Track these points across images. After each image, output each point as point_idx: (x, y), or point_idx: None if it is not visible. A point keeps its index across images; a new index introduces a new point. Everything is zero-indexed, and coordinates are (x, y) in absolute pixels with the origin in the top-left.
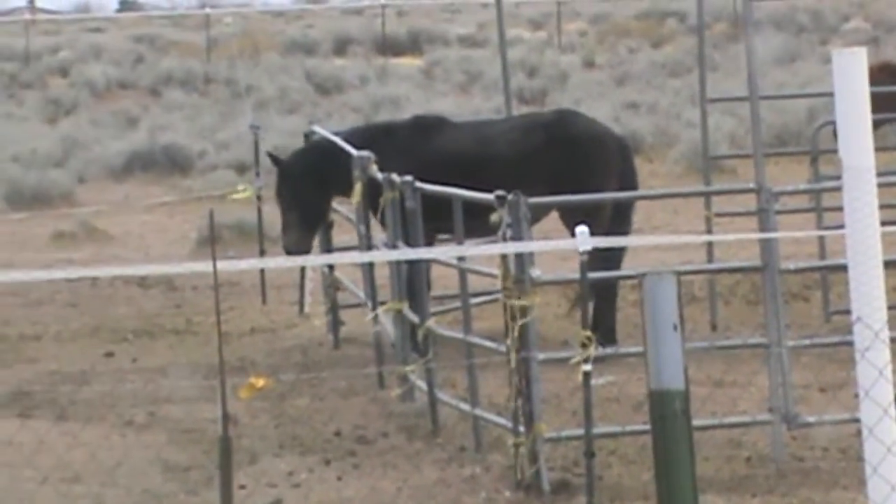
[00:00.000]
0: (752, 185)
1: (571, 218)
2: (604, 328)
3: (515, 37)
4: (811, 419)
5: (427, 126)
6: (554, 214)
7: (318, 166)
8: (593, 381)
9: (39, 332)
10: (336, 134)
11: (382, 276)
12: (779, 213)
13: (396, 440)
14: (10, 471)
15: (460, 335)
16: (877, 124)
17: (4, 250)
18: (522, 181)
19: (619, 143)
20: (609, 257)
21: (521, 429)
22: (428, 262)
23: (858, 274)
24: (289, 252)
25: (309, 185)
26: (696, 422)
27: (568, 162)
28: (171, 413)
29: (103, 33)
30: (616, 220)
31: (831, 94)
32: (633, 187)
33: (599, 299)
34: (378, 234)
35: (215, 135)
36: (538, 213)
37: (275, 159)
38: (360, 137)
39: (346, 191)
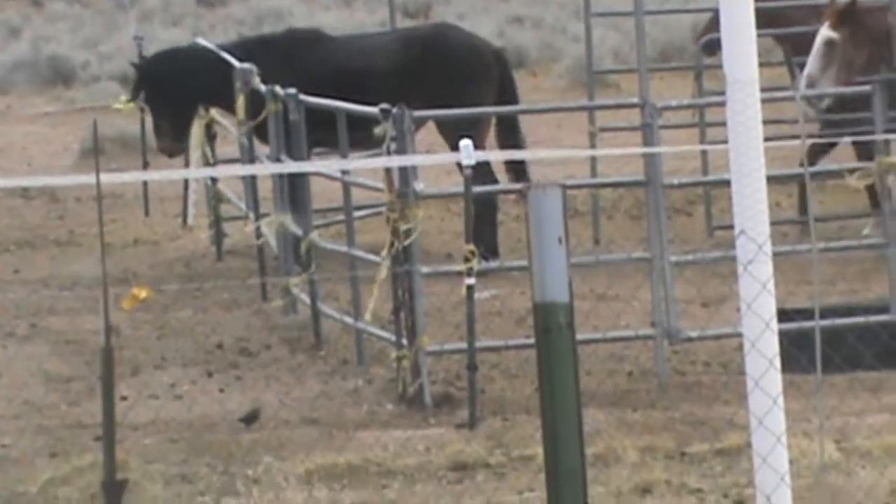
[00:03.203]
0: (636, 100)
1: (451, 131)
2: (486, 242)
3: None
4: (693, 333)
5: (303, 39)
6: (433, 127)
7: (181, 70)
8: (476, 295)
9: None
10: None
11: (266, 188)
12: (662, 128)
13: (279, 352)
14: None
15: (343, 248)
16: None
17: None
18: (400, 95)
19: (496, 55)
20: (491, 171)
21: (404, 342)
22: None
23: (742, 187)
24: (168, 154)
25: (173, 89)
26: (578, 336)
27: (446, 74)
28: (53, 324)
29: None
30: (505, 132)
31: (715, 10)
32: (514, 98)
33: (480, 213)
34: (262, 147)
35: (98, 46)
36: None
37: (136, 65)
38: (235, 51)
39: (216, 100)
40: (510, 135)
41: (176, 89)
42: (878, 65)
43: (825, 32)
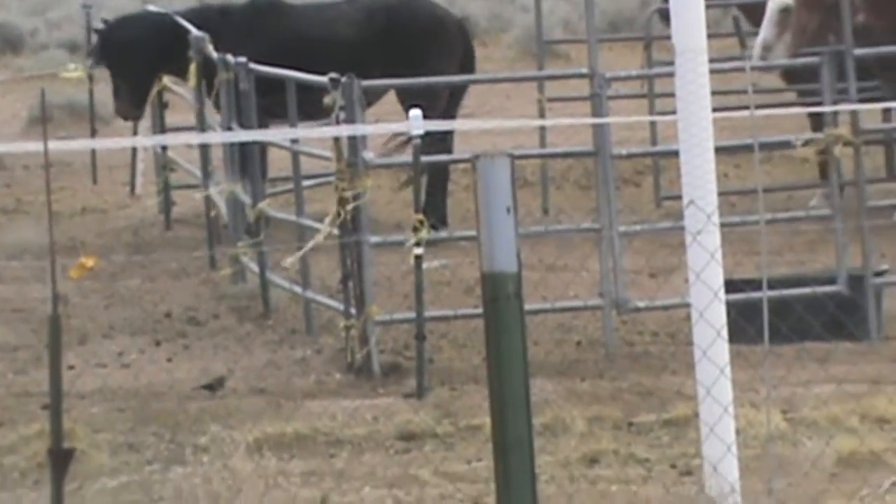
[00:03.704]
0: (585, 71)
1: (410, 101)
2: (436, 212)
3: None
4: (641, 304)
5: (265, 8)
6: (392, 97)
7: (144, 36)
8: (425, 265)
9: None
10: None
11: (217, 157)
12: (611, 98)
13: (227, 322)
14: None
15: (293, 217)
16: None
17: None
18: (365, 64)
19: (459, 26)
20: (443, 140)
21: (353, 311)
22: (263, 144)
23: (690, 158)
24: (124, 117)
25: (135, 54)
26: (527, 306)
27: (410, 45)
28: (1, 293)
29: None
30: (450, 103)
31: None
32: (472, 70)
33: (432, 183)
34: (214, 115)
35: (47, 14)
36: (375, 96)
37: (98, 30)
38: (195, 19)
39: (174, 67)
40: (452, 107)
41: (138, 54)
42: (827, 34)
43: None
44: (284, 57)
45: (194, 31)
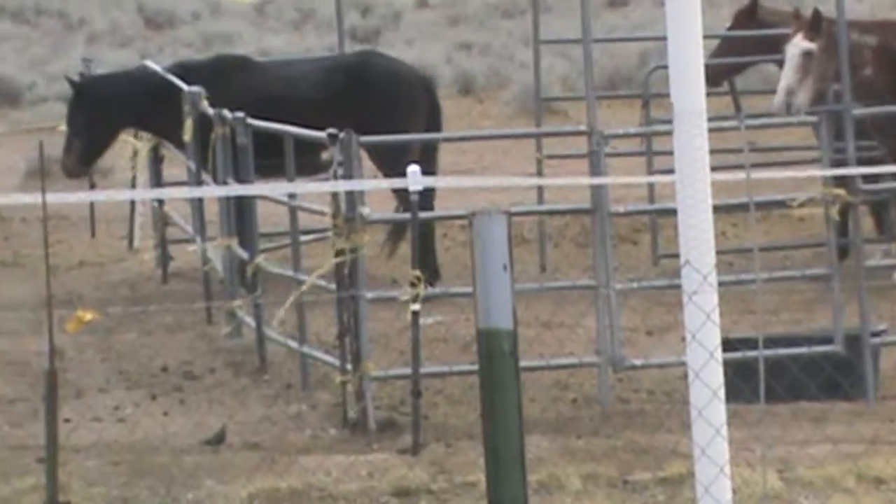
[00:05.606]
0: (583, 128)
1: (382, 158)
2: (428, 267)
3: None
4: (637, 362)
5: (229, 65)
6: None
7: (112, 95)
8: (421, 321)
9: None
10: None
11: (212, 211)
12: (609, 156)
13: (223, 376)
14: None
15: (289, 272)
16: (742, 68)
17: None
18: (324, 122)
19: (423, 82)
20: (424, 196)
21: (349, 367)
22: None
23: (687, 217)
24: (68, 173)
25: (99, 112)
26: (523, 363)
27: (373, 102)
28: None
29: None
30: (424, 158)
31: (664, 38)
32: (438, 127)
33: (422, 238)
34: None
35: (46, 67)
36: None
37: (72, 82)
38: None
39: (148, 125)
40: (427, 164)
41: (101, 114)
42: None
43: (802, 44)
44: (248, 113)
45: (185, 86)
